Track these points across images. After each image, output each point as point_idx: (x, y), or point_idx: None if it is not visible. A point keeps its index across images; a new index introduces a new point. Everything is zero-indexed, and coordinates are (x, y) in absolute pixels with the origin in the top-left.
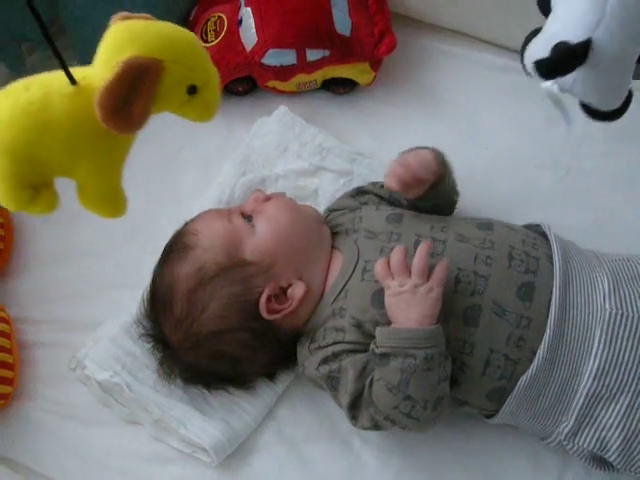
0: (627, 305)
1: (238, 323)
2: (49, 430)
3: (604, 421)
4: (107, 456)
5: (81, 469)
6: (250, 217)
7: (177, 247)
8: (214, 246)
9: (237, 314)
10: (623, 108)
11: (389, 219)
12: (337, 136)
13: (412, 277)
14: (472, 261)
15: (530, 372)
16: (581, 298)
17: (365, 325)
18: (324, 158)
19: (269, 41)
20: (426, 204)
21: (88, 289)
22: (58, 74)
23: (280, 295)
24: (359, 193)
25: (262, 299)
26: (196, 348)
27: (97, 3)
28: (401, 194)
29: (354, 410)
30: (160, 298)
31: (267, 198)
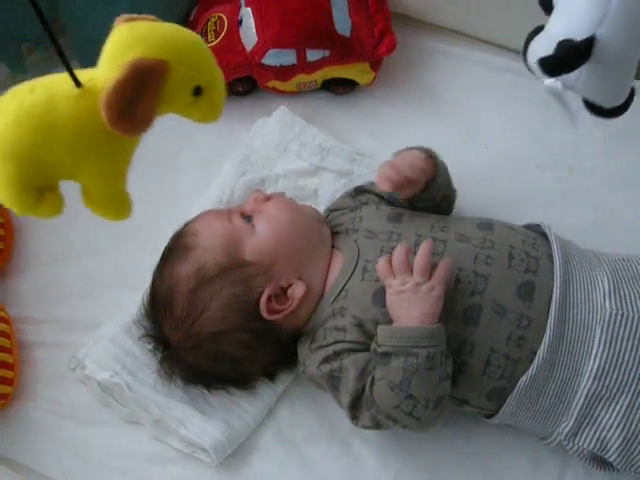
0: (627, 305)
1: (238, 323)
2: (49, 430)
3: (604, 421)
4: (107, 456)
5: (81, 469)
6: (250, 217)
7: (177, 248)
8: (214, 246)
9: (237, 314)
10: (626, 105)
11: (389, 219)
12: (337, 136)
13: (414, 275)
14: (472, 261)
15: (530, 372)
16: (581, 297)
17: (366, 324)
18: (324, 158)
19: (269, 41)
20: (422, 204)
21: (88, 289)
22: (62, 76)
23: (280, 295)
24: (359, 193)
25: (262, 299)
26: (196, 348)
27: (97, 3)
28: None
29: (355, 409)
30: (160, 299)
31: (267, 198)
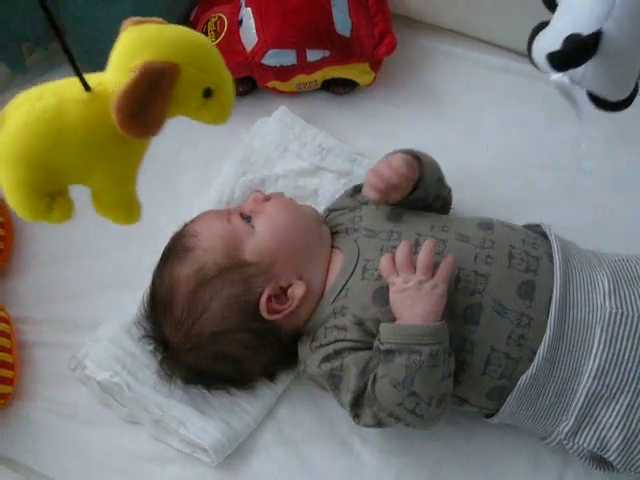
0: (627, 304)
1: (239, 323)
2: (49, 430)
3: (604, 421)
4: (107, 456)
5: (81, 469)
6: (249, 218)
7: (177, 249)
8: (214, 247)
9: (237, 314)
10: (630, 98)
11: (389, 218)
12: (337, 136)
13: (417, 273)
14: (472, 260)
15: (530, 371)
16: (581, 297)
17: (366, 323)
18: (324, 158)
19: (269, 41)
20: (415, 204)
21: (88, 289)
22: (71, 81)
23: (280, 295)
24: (358, 192)
25: (262, 299)
26: (197, 349)
27: (97, 3)
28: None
29: (357, 408)
30: (160, 299)
31: (266, 198)
